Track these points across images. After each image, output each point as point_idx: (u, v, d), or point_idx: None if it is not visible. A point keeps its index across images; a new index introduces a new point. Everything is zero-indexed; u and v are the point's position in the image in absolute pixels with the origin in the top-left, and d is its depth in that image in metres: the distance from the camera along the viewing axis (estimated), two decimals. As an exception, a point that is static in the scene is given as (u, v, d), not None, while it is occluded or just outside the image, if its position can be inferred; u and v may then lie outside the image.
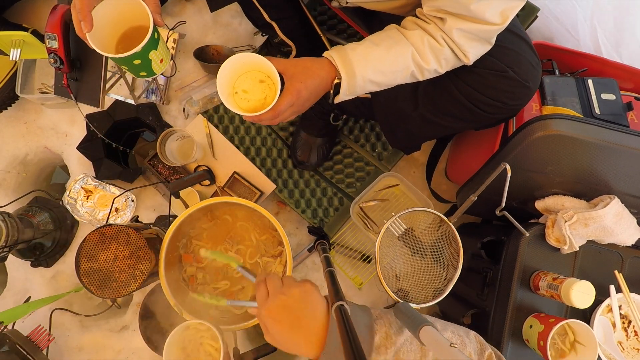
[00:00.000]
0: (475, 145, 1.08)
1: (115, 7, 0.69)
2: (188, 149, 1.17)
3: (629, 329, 0.77)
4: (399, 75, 0.69)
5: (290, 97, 0.66)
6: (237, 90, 0.70)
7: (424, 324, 0.50)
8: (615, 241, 0.77)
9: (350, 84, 0.68)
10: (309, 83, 0.67)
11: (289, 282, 0.57)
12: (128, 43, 0.75)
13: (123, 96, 1.18)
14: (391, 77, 0.69)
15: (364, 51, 0.68)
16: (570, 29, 1.00)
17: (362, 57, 0.67)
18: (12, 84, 1.18)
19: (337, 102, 0.72)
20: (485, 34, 0.66)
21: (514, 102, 0.75)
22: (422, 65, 0.68)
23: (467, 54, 0.67)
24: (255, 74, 0.70)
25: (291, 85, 0.66)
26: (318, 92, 0.70)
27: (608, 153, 0.72)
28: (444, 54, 0.68)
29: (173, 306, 0.82)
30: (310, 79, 0.67)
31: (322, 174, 1.23)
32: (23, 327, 1.11)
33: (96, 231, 0.76)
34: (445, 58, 0.68)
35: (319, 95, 0.71)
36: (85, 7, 0.63)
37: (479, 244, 0.93)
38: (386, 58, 0.67)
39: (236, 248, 0.93)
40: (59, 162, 1.38)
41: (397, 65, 0.68)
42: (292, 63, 0.67)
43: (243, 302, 0.69)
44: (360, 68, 0.67)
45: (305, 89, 0.66)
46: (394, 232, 0.79)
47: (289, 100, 0.66)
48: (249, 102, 0.70)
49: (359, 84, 0.69)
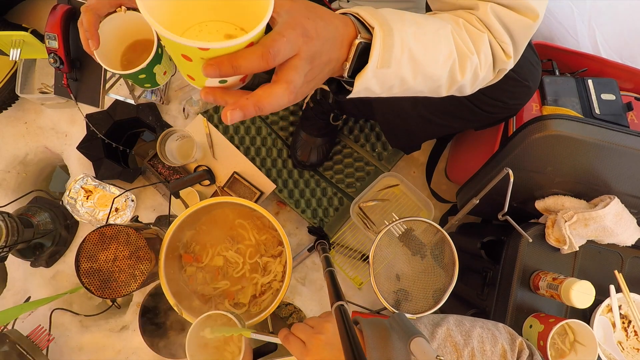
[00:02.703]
0: (475, 145, 1.08)
1: (119, 22, 0.69)
2: (188, 149, 1.17)
3: (628, 329, 0.77)
4: (439, 60, 0.48)
5: (293, 32, 0.38)
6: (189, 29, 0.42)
7: (415, 336, 0.51)
8: (615, 241, 0.77)
9: (386, 44, 0.43)
10: (321, 27, 0.40)
11: (316, 321, 0.58)
12: (132, 55, 0.76)
13: (123, 96, 1.18)
14: (432, 57, 0.47)
15: (395, 12, 0.47)
16: (570, 29, 1.00)
17: (396, 15, 0.46)
18: (12, 84, 1.18)
19: (347, 98, 0.48)
20: (521, 30, 0.52)
21: (514, 102, 0.75)
22: (465, 52, 0.50)
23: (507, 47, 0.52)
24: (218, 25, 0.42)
25: (292, 19, 0.39)
26: (332, 52, 0.42)
27: (608, 153, 0.72)
28: (483, 45, 0.51)
29: (173, 306, 0.82)
30: (322, 21, 0.41)
31: (322, 174, 1.23)
32: (23, 327, 1.11)
33: (96, 231, 0.76)
34: (485, 52, 0.51)
35: (332, 61, 0.43)
36: (92, 25, 0.63)
37: (479, 244, 0.93)
38: (425, 25, 0.47)
39: (236, 247, 0.93)
40: (59, 162, 1.38)
41: (439, 41, 0.48)
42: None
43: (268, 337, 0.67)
44: (399, 26, 0.44)
45: (315, 33, 0.40)
46: (394, 232, 0.79)
47: (292, 37, 0.38)
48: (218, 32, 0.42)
49: (396, 53, 0.44)
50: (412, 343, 0.50)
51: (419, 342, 0.50)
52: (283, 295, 0.82)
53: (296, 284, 1.24)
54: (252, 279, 0.92)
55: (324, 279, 0.69)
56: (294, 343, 0.57)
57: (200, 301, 0.90)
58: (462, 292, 1.02)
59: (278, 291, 0.88)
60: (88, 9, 0.62)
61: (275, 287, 0.91)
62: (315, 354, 0.54)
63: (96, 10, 0.63)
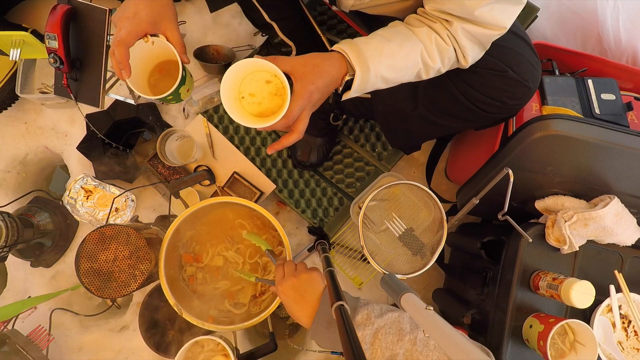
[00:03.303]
0: (475, 145, 1.08)
1: (144, 48, 0.72)
2: (188, 149, 1.17)
3: (628, 329, 0.77)
4: (407, 73, 0.68)
5: (302, 100, 0.62)
6: (243, 94, 0.66)
7: (405, 291, 0.57)
8: (615, 241, 0.77)
9: (363, 79, 0.65)
10: (320, 83, 0.63)
11: (300, 268, 0.72)
12: (157, 77, 0.81)
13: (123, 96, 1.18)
14: (401, 74, 0.67)
15: (377, 45, 0.65)
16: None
17: (376, 51, 0.65)
18: (12, 84, 1.18)
19: (342, 100, 0.70)
20: (486, 39, 0.67)
21: (514, 102, 0.75)
22: (429, 64, 0.67)
23: (467, 57, 0.68)
24: (260, 74, 0.66)
25: (302, 89, 0.62)
26: (328, 91, 0.67)
27: (608, 153, 0.72)
28: (448, 54, 0.67)
29: (173, 306, 0.82)
30: (321, 79, 0.63)
31: (322, 174, 1.23)
32: (23, 327, 1.12)
33: (96, 231, 0.76)
34: (449, 57, 0.68)
35: (328, 94, 0.68)
36: (125, 58, 0.68)
37: (479, 244, 0.92)
38: (398, 54, 0.65)
39: (236, 247, 0.93)
40: (59, 162, 1.38)
41: (408, 62, 0.66)
42: (300, 62, 0.63)
43: (267, 280, 0.84)
44: (375, 63, 0.64)
45: (316, 91, 0.63)
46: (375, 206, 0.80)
47: (301, 104, 0.62)
48: (260, 105, 0.66)
49: (371, 80, 0.66)
50: (402, 298, 0.57)
51: (408, 296, 0.57)
52: (283, 295, 0.82)
53: (296, 284, 1.24)
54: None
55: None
56: (279, 273, 0.73)
57: (200, 301, 0.90)
58: (462, 292, 1.02)
59: (278, 291, 0.88)
60: (120, 43, 0.67)
61: (275, 287, 0.91)
62: (284, 287, 0.69)
63: (127, 43, 0.68)
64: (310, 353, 1.20)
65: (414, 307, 0.54)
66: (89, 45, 0.91)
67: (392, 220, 0.82)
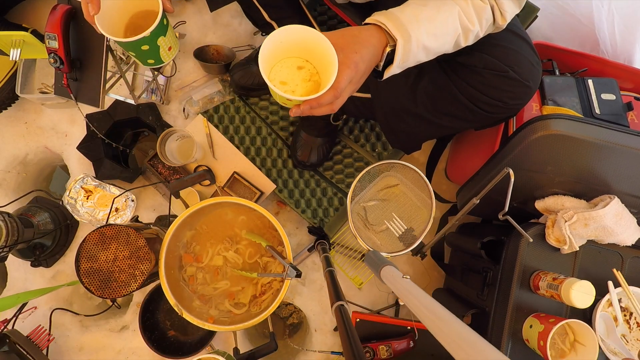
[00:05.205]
0: (475, 145, 1.08)
1: None
2: (188, 149, 1.17)
3: (631, 321, 0.77)
4: (447, 40, 0.64)
5: (348, 70, 0.57)
6: (274, 83, 0.60)
7: (385, 264, 0.59)
8: (615, 241, 0.77)
9: (405, 49, 0.60)
10: (365, 53, 0.58)
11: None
12: (136, 30, 0.74)
13: (123, 96, 1.18)
14: (442, 40, 0.63)
15: (413, 12, 0.61)
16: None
17: (413, 18, 0.60)
18: (12, 84, 1.18)
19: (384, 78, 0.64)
20: None
21: (515, 102, 0.75)
22: (468, 27, 0.64)
23: (505, 13, 0.65)
24: (292, 60, 0.61)
25: (346, 57, 0.57)
26: (372, 64, 0.61)
27: (608, 153, 0.72)
28: (485, 14, 0.64)
29: (173, 306, 0.82)
30: (365, 48, 0.58)
31: (322, 174, 1.23)
32: (23, 327, 1.12)
33: (96, 231, 0.76)
34: (486, 18, 0.65)
35: (371, 68, 0.62)
36: None
37: (479, 244, 0.92)
38: (437, 19, 0.61)
39: (236, 247, 0.93)
40: (59, 162, 1.38)
41: (448, 27, 0.62)
42: (337, 35, 0.59)
43: (270, 274, 0.85)
44: (415, 30, 0.60)
45: (361, 61, 0.58)
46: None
47: (348, 75, 0.57)
48: (294, 93, 0.61)
49: (413, 51, 0.61)
50: (382, 271, 0.59)
51: (387, 268, 0.59)
52: (283, 295, 0.82)
53: (296, 284, 1.24)
54: (252, 279, 0.92)
55: (324, 279, 0.71)
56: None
57: (201, 301, 0.90)
58: (462, 292, 1.02)
59: (278, 291, 0.88)
60: None
61: (276, 287, 0.91)
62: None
63: None
64: (310, 353, 1.20)
65: (392, 277, 0.55)
66: (89, 45, 0.91)
67: (389, 216, 0.82)
